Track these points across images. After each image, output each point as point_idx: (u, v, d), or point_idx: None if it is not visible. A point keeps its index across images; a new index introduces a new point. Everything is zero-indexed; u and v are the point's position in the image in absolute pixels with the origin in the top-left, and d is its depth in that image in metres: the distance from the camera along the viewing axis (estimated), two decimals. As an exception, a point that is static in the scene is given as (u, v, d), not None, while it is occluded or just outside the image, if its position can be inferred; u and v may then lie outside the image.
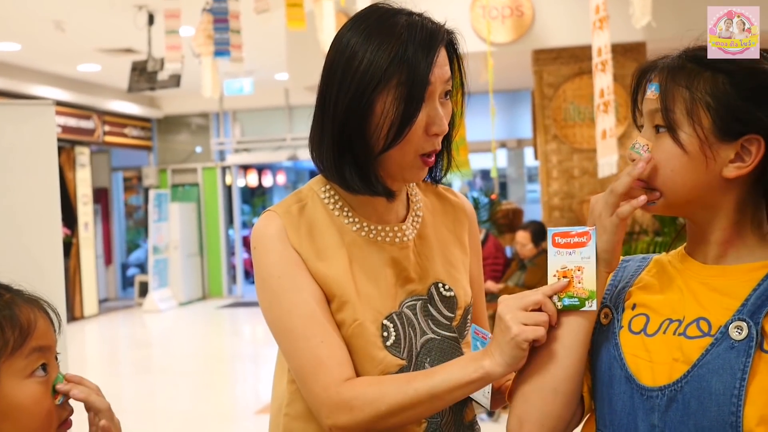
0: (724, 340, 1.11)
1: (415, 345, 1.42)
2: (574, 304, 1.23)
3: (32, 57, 9.99)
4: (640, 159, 1.20)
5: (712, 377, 1.10)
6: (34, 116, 2.96)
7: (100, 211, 13.93)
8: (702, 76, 1.17)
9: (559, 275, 1.24)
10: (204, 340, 10.51)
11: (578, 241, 1.24)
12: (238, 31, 6.41)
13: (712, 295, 1.17)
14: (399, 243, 1.45)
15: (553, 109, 6.65)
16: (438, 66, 1.34)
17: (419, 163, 1.38)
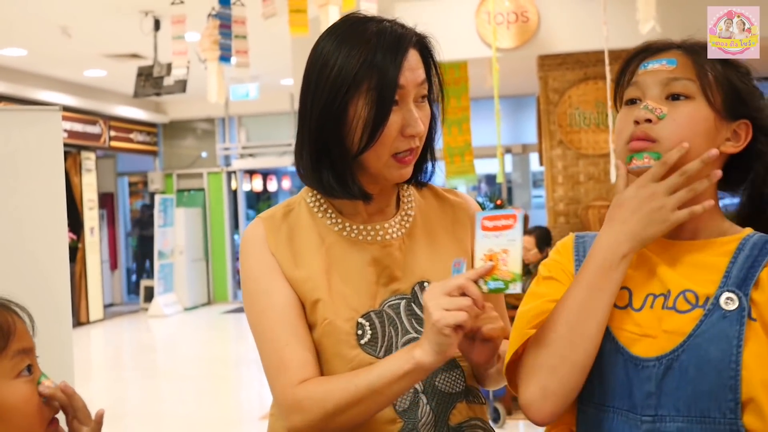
0: (716, 311, 1.19)
1: (395, 344, 1.42)
2: (499, 287, 1.23)
3: (38, 62, 10.01)
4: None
5: (709, 345, 1.17)
6: (41, 122, 2.97)
7: (105, 216, 13.95)
8: (714, 61, 1.26)
9: (485, 258, 1.24)
10: (209, 345, 10.51)
11: (505, 224, 1.25)
12: (244, 36, 6.42)
13: (691, 270, 1.25)
14: (381, 242, 1.46)
15: (559, 114, 6.65)
16: (409, 69, 1.38)
17: (395, 163, 1.41)
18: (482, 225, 1.26)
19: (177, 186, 14.14)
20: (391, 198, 1.53)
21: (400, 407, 1.40)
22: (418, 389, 1.41)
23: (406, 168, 1.42)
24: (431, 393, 1.42)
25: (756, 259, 1.22)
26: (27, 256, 2.92)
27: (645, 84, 1.27)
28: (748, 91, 1.28)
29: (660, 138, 1.23)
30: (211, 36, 6.46)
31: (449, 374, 1.44)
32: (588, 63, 6.60)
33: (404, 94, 1.38)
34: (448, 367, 1.44)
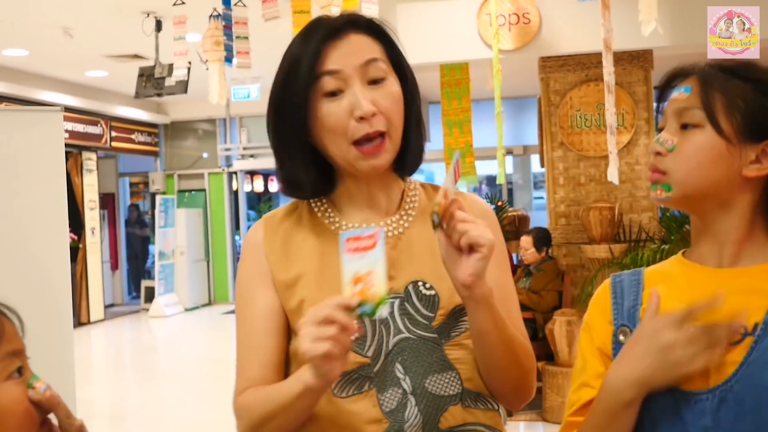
0: (766, 337, 1.16)
1: (386, 344, 1.40)
2: (366, 312, 1.20)
3: (40, 63, 10.02)
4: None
5: (763, 372, 1.13)
6: (42, 122, 2.97)
7: (106, 216, 13.95)
8: (732, 82, 1.25)
9: (353, 282, 1.21)
10: (210, 345, 10.51)
11: (366, 245, 1.22)
12: (246, 37, 6.42)
13: (738, 297, 1.20)
14: None
15: (560, 116, 6.65)
16: (347, 54, 1.40)
17: (358, 154, 1.40)
18: (345, 247, 1.22)
19: (178, 186, 14.14)
20: (392, 197, 1.51)
21: (386, 408, 1.37)
22: (406, 390, 1.38)
23: (372, 159, 1.40)
24: (420, 395, 1.38)
25: None
26: (28, 256, 2.92)
27: (667, 114, 1.31)
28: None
29: (668, 170, 1.26)
30: (213, 37, 6.46)
31: (441, 376, 1.40)
32: (589, 65, 6.59)
33: (344, 78, 1.39)
34: (440, 368, 1.40)
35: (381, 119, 1.39)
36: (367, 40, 1.43)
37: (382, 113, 1.39)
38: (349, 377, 1.40)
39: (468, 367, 1.42)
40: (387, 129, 1.40)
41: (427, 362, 1.39)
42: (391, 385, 1.38)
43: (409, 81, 1.47)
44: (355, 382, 1.39)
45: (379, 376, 1.39)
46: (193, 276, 13.34)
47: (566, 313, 5.85)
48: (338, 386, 1.40)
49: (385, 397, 1.38)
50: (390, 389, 1.38)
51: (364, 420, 1.37)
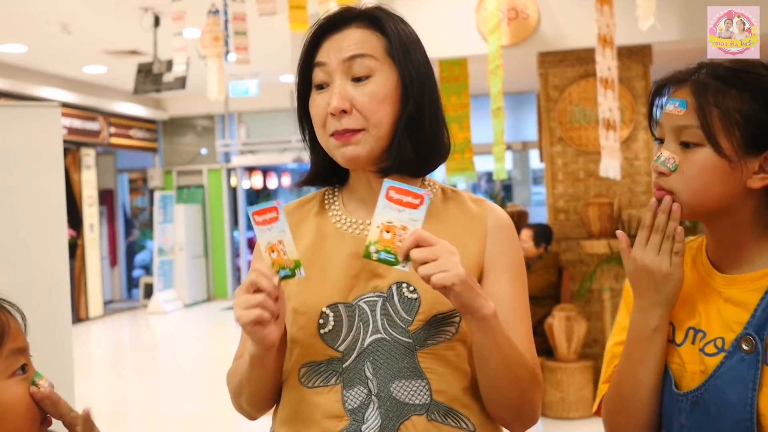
0: (736, 353, 1.23)
1: (361, 341, 1.39)
2: (287, 275, 1.29)
3: (38, 59, 10.01)
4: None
5: (727, 387, 1.22)
6: (40, 118, 2.97)
7: (105, 212, 13.95)
8: (728, 93, 1.23)
9: (268, 250, 1.30)
10: (209, 341, 10.51)
11: (272, 217, 1.30)
12: (244, 32, 6.41)
13: (726, 307, 1.28)
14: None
15: (559, 111, 6.64)
16: (334, 49, 1.41)
17: (335, 142, 1.41)
18: (255, 221, 1.32)
19: (177, 183, 14.13)
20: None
21: (349, 405, 1.37)
22: (371, 391, 1.36)
23: (345, 147, 1.39)
24: (384, 398, 1.36)
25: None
26: (26, 253, 2.92)
27: (664, 127, 1.31)
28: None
29: (674, 190, 1.28)
30: (212, 32, 6.45)
31: (409, 383, 1.36)
32: (588, 60, 6.58)
33: (329, 72, 1.41)
34: (409, 375, 1.36)
35: (356, 117, 1.38)
36: (364, 33, 1.42)
37: (359, 111, 1.38)
38: (317, 368, 1.40)
39: (440, 378, 1.38)
40: (364, 126, 1.38)
41: (397, 367, 1.37)
42: (358, 383, 1.37)
43: (409, 80, 1.41)
44: (323, 375, 1.40)
45: (347, 373, 1.38)
46: (192, 272, 13.34)
47: (565, 309, 5.85)
48: (306, 375, 1.41)
49: (350, 394, 1.37)
50: (356, 387, 1.37)
51: (325, 413, 1.38)
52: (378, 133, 1.39)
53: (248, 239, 14.53)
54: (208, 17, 6.53)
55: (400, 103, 1.41)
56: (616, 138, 5.17)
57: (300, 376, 1.41)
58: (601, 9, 5.15)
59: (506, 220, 1.51)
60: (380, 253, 1.25)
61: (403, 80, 1.41)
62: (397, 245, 1.24)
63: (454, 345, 1.39)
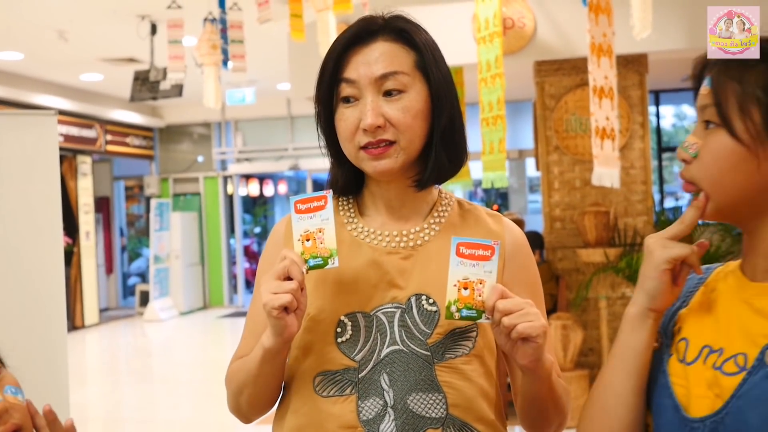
0: (761, 369, 1.04)
1: (378, 352, 1.38)
2: (318, 264, 1.32)
3: (35, 66, 10.01)
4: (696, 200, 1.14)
5: (749, 409, 1.03)
6: (37, 126, 2.96)
7: (101, 220, 13.93)
8: (756, 68, 1.10)
9: (302, 238, 1.33)
10: (205, 349, 10.49)
11: (318, 205, 1.33)
12: (241, 40, 6.42)
13: (755, 319, 1.10)
14: (386, 247, 1.43)
15: (555, 120, 6.65)
16: (364, 64, 1.40)
17: (364, 155, 1.40)
18: (296, 208, 1.34)
19: (173, 190, 14.13)
20: (417, 207, 1.49)
21: (364, 416, 1.36)
22: (387, 402, 1.36)
23: (378, 161, 1.39)
24: (400, 410, 1.35)
25: None
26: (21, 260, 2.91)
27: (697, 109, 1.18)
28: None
29: (694, 180, 1.14)
30: (210, 41, 6.46)
31: (425, 396, 1.36)
32: (585, 69, 6.57)
33: (359, 88, 1.39)
34: (426, 388, 1.36)
35: (390, 131, 1.38)
36: (394, 48, 1.41)
37: (393, 125, 1.38)
38: (333, 377, 1.39)
39: (457, 393, 1.38)
40: (396, 139, 1.38)
41: (414, 379, 1.36)
42: (374, 394, 1.37)
43: (440, 92, 1.42)
44: (338, 384, 1.39)
45: (363, 383, 1.38)
46: (188, 280, 13.32)
47: (561, 317, 5.85)
48: (321, 384, 1.39)
49: (365, 405, 1.37)
50: (371, 398, 1.37)
51: (339, 423, 1.37)
52: (410, 146, 1.40)
53: (244, 247, 14.52)
54: (205, 25, 6.54)
55: (432, 116, 1.42)
56: (614, 147, 5.17)
57: (315, 384, 1.40)
58: (596, 19, 5.16)
59: (522, 237, 1.53)
60: (462, 311, 1.26)
61: (435, 93, 1.42)
62: (477, 300, 1.26)
63: (471, 360, 1.40)
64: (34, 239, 2.95)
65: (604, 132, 5.18)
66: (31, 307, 2.89)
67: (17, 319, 2.87)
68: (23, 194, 2.94)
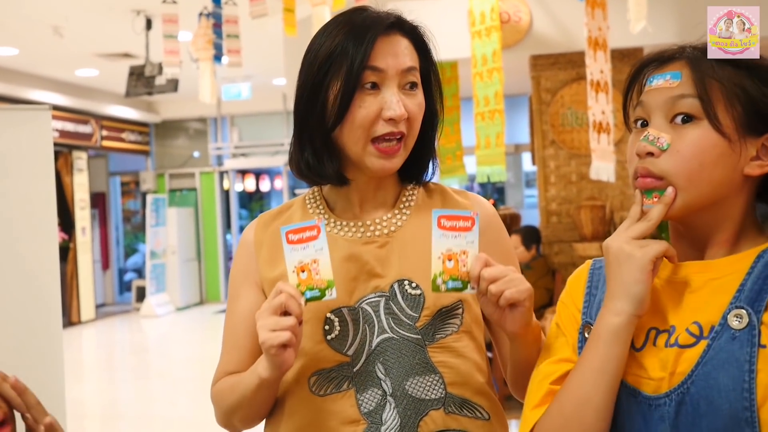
0: (725, 332, 1.04)
1: (369, 343, 1.39)
2: (315, 296, 1.28)
3: (30, 62, 9.98)
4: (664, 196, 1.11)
5: (718, 372, 1.02)
6: (31, 121, 2.96)
7: (97, 215, 13.91)
8: (726, 68, 1.11)
9: (297, 270, 1.29)
10: (201, 345, 10.49)
11: (310, 235, 1.29)
12: (237, 35, 6.41)
13: (700, 295, 1.10)
14: (362, 238, 1.44)
15: (551, 114, 6.65)
16: (391, 54, 1.39)
17: (375, 151, 1.39)
18: (287, 239, 1.29)
19: (169, 186, 14.11)
20: (388, 196, 1.50)
21: (365, 408, 1.37)
22: (386, 391, 1.37)
23: (388, 159, 1.40)
24: (400, 396, 1.37)
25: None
26: (16, 256, 2.91)
27: (650, 105, 1.14)
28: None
29: (666, 174, 1.10)
30: (205, 36, 6.45)
31: (423, 379, 1.38)
32: (581, 63, 6.59)
33: (384, 77, 1.39)
34: (422, 371, 1.38)
35: (405, 124, 1.41)
36: (409, 45, 1.44)
37: (408, 119, 1.41)
38: (328, 375, 1.39)
39: (452, 371, 1.40)
40: (406, 133, 1.41)
41: (409, 364, 1.38)
42: (371, 385, 1.37)
43: (434, 96, 1.49)
44: (334, 381, 1.39)
45: (359, 376, 1.38)
46: (185, 275, 13.32)
47: (557, 311, 5.86)
48: (317, 384, 1.39)
49: (364, 397, 1.37)
50: (370, 390, 1.37)
51: (341, 420, 1.37)
52: (410, 145, 1.44)
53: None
54: (200, 20, 6.52)
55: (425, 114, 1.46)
56: (609, 141, 5.18)
57: (310, 385, 1.40)
58: (592, 12, 5.17)
59: (493, 211, 1.56)
60: (448, 283, 1.27)
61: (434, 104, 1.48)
62: (461, 271, 1.27)
63: (461, 336, 1.42)
64: (29, 235, 2.95)
65: (600, 126, 5.18)
66: (26, 303, 2.88)
67: (13, 316, 2.86)
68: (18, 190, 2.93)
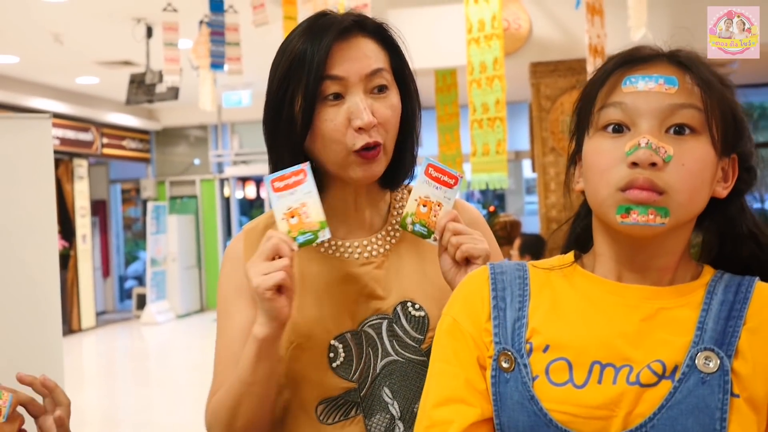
0: (692, 374, 0.94)
1: (373, 367, 1.35)
2: (308, 239, 1.26)
3: (30, 69, 9.99)
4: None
5: (686, 418, 0.92)
6: (31, 129, 2.96)
7: (98, 223, 13.91)
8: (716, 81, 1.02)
9: (286, 216, 1.27)
10: (202, 352, 10.46)
11: (297, 180, 1.28)
12: (237, 43, 6.42)
13: (651, 326, 0.99)
14: (359, 259, 1.38)
15: (551, 121, 6.66)
16: (351, 60, 1.31)
17: (356, 159, 1.32)
18: (273, 187, 1.28)
19: (170, 193, 14.11)
20: (378, 210, 1.45)
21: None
22: (394, 416, 1.34)
23: (370, 165, 1.33)
24: (409, 420, 1.32)
25: (733, 307, 0.98)
26: (17, 264, 2.90)
27: (636, 109, 0.99)
28: (743, 119, 1.04)
29: (669, 189, 0.96)
30: (207, 43, 6.46)
31: None
32: (580, 70, 6.60)
33: (346, 85, 1.31)
34: None
35: (379, 130, 1.33)
36: (374, 46, 1.35)
37: (381, 124, 1.33)
38: (335, 403, 1.35)
39: None
40: (383, 140, 1.34)
41: (416, 386, 1.34)
42: (379, 410, 1.34)
43: (411, 93, 1.41)
44: (341, 408, 1.35)
45: (366, 401, 1.35)
46: (185, 283, 13.30)
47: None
48: (324, 413, 1.35)
49: (372, 422, 1.34)
50: (378, 414, 1.34)
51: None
52: (390, 147, 1.36)
53: (241, 249, 14.48)
54: (201, 28, 6.53)
55: (402, 119, 1.39)
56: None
57: (318, 414, 1.35)
58: (591, 20, 5.18)
59: (477, 214, 1.52)
60: (416, 225, 1.33)
61: (405, 96, 1.40)
62: (431, 220, 1.32)
63: None
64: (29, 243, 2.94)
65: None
66: (26, 311, 2.88)
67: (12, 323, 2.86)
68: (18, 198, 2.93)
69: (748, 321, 0.97)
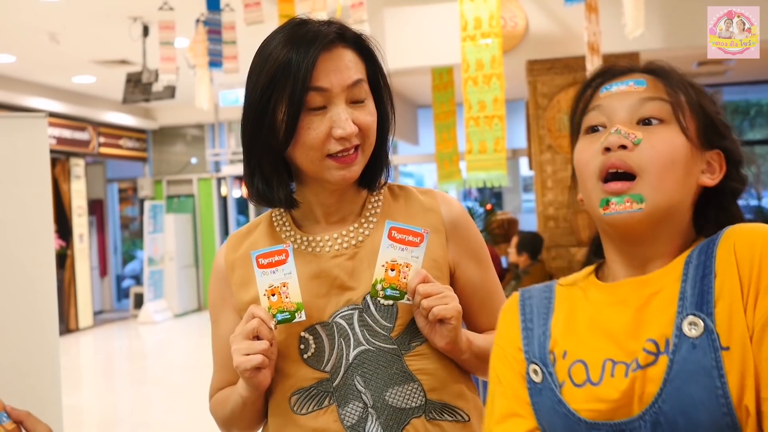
0: (683, 342, 0.99)
1: (345, 357, 1.39)
2: (286, 318, 1.34)
3: (27, 69, 9.98)
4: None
5: (689, 386, 0.97)
6: (27, 128, 2.96)
7: (95, 222, 13.90)
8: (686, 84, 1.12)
9: (267, 293, 1.35)
10: (199, 351, 10.47)
11: (279, 259, 1.35)
12: (234, 41, 6.42)
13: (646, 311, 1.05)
14: (329, 252, 1.43)
15: (548, 119, 6.66)
16: (334, 71, 1.35)
17: (332, 163, 1.37)
18: (257, 263, 1.35)
19: (167, 192, 14.11)
20: (354, 206, 1.48)
21: (347, 422, 1.37)
22: (367, 404, 1.37)
23: (347, 168, 1.37)
24: (381, 408, 1.37)
25: (705, 265, 1.03)
26: (13, 264, 2.90)
27: (611, 108, 1.10)
28: (721, 121, 1.12)
29: (641, 171, 1.04)
30: (203, 42, 6.46)
31: (402, 388, 1.38)
32: (577, 68, 6.61)
33: (330, 96, 1.35)
34: (401, 380, 1.38)
35: (358, 136, 1.37)
36: (353, 57, 1.39)
37: (361, 131, 1.38)
38: (308, 393, 1.39)
39: (431, 377, 1.40)
40: (361, 143, 1.38)
41: (387, 374, 1.38)
42: (352, 399, 1.38)
43: (385, 102, 1.45)
44: (315, 398, 1.39)
45: (339, 391, 1.38)
46: (183, 282, 13.30)
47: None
48: (298, 403, 1.40)
49: (346, 411, 1.38)
50: (351, 403, 1.38)
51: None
52: (368, 152, 1.42)
53: (239, 248, 14.47)
54: (197, 26, 6.53)
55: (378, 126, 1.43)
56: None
57: (292, 405, 1.41)
58: (589, 17, 5.18)
59: (459, 207, 1.53)
60: (387, 290, 1.35)
61: (380, 105, 1.44)
62: (401, 282, 1.35)
63: None
64: (26, 242, 2.94)
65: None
66: (23, 311, 2.88)
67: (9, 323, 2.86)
68: (14, 197, 2.93)
69: (717, 271, 1.02)
